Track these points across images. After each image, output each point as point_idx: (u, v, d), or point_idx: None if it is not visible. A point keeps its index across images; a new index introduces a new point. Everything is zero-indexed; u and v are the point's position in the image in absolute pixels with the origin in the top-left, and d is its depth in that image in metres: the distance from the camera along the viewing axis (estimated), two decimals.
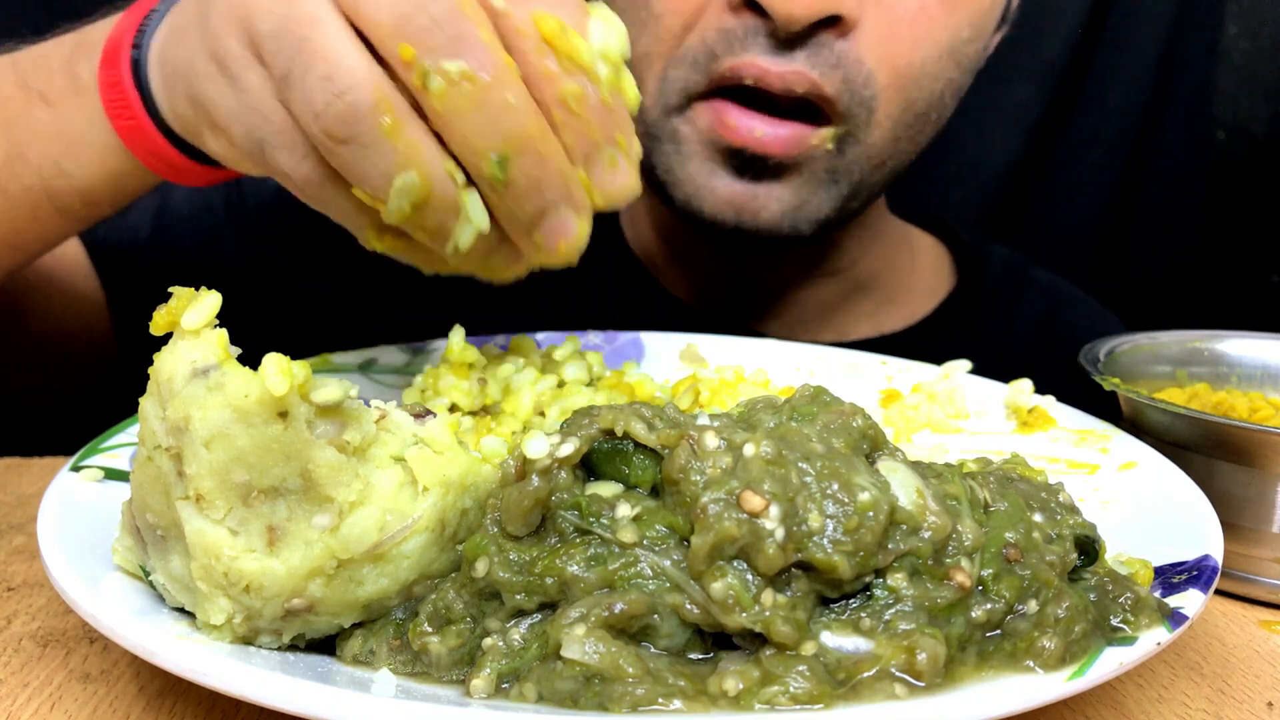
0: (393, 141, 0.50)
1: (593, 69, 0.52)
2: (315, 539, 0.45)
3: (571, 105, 0.52)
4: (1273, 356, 0.79)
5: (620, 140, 0.55)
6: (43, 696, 0.50)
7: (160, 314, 0.46)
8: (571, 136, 0.53)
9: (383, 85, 0.50)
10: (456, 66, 0.49)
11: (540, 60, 0.51)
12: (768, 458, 0.44)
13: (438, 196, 0.52)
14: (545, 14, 0.51)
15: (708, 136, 0.86)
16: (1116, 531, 0.54)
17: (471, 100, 0.50)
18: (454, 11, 0.49)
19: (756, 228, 0.88)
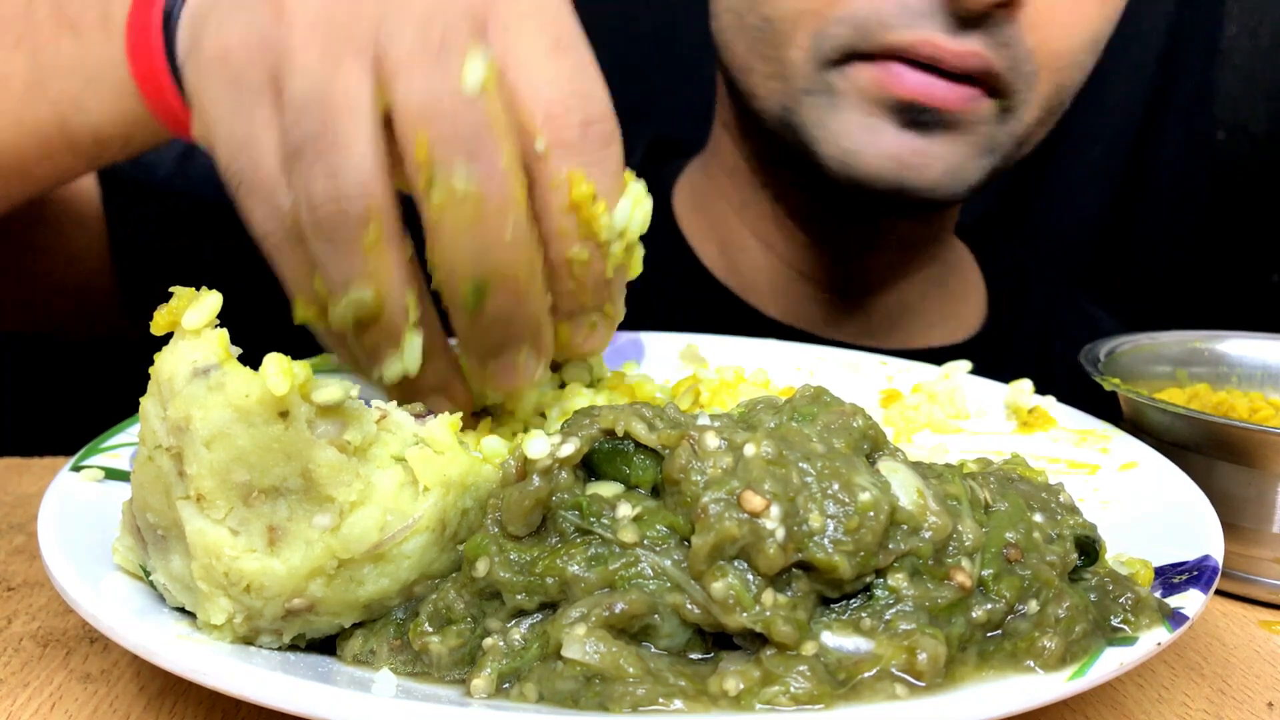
0: (366, 255, 0.49)
1: (607, 245, 0.52)
2: (316, 539, 0.45)
3: (574, 269, 0.52)
4: (1273, 356, 0.79)
5: (608, 309, 0.55)
6: (43, 696, 0.50)
7: (161, 314, 0.46)
8: (563, 296, 0.53)
9: (381, 200, 0.49)
10: (464, 186, 0.48)
11: (561, 218, 0.51)
12: (768, 458, 0.44)
13: (385, 322, 0.51)
14: (582, 176, 0.50)
15: (872, 92, 0.85)
16: (1117, 531, 0.54)
17: (468, 222, 0.48)
18: (483, 128, 0.48)
19: (917, 186, 0.87)
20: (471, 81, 0.47)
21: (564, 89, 0.50)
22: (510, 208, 0.48)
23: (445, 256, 0.50)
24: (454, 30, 0.48)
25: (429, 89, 0.47)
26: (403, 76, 0.48)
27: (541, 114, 0.50)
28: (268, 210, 0.51)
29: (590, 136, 0.50)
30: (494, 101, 0.48)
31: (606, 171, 0.51)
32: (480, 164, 0.47)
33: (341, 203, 0.48)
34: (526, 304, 0.51)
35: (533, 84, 0.50)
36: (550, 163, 0.50)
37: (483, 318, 0.51)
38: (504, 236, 0.49)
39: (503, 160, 0.48)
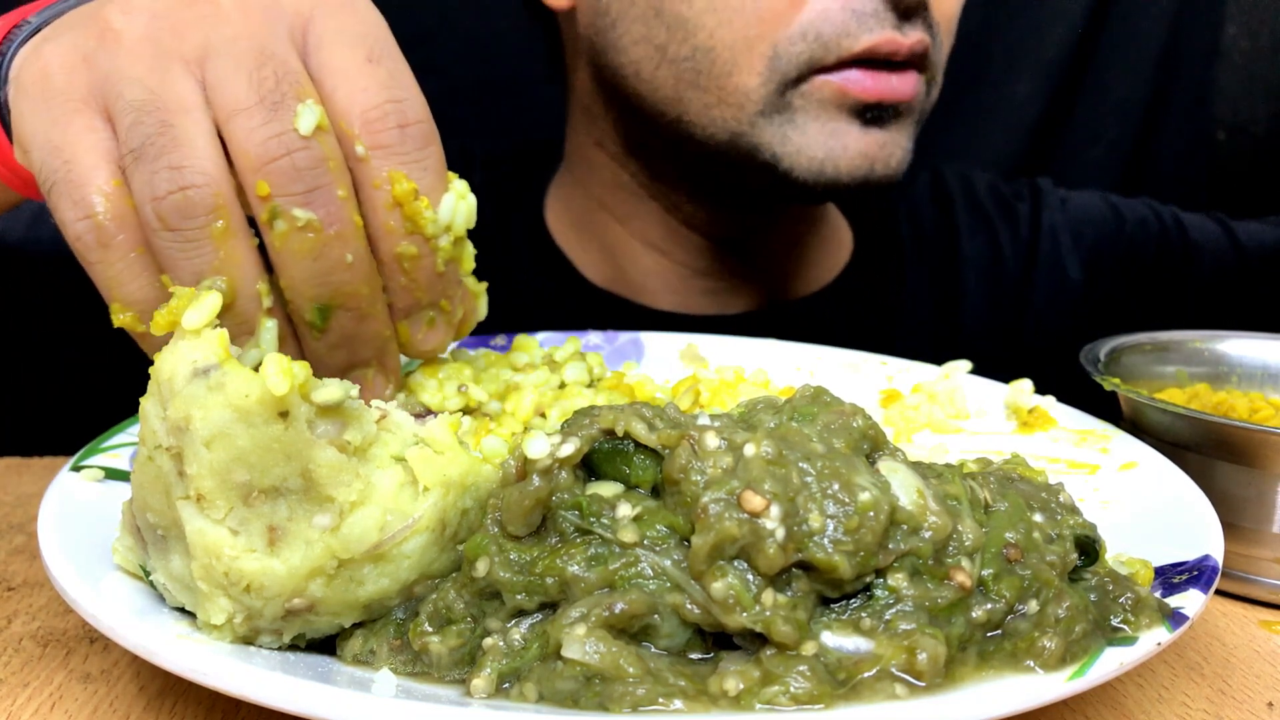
0: (216, 245, 0.51)
1: (434, 238, 0.55)
2: (316, 539, 0.45)
3: (404, 265, 0.55)
4: (1272, 356, 0.79)
5: (444, 304, 0.58)
6: (43, 696, 0.50)
7: (161, 314, 0.46)
8: (397, 292, 0.56)
9: (225, 193, 0.51)
10: (305, 215, 0.51)
11: (385, 216, 0.53)
12: (768, 458, 0.44)
13: (238, 310, 0.53)
14: (402, 175, 0.53)
15: (834, 100, 0.88)
16: (1116, 531, 0.54)
17: (310, 248, 0.52)
18: (318, 163, 0.51)
19: (884, 176, 0.92)
20: (305, 127, 0.51)
21: (379, 96, 0.53)
22: (349, 234, 0.52)
23: (291, 281, 0.53)
24: (285, 76, 0.52)
25: (266, 135, 0.51)
26: (240, 121, 0.51)
27: (359, 121, 0.53)
28: (80, 211, 0.52)
29: (408, 137, 0.53)
30: (327, 140, 0.52)
31: (427, 170, 0.54)
32: (319, 197, 0.51)
33: (189, 193, 0.50)
34: (369, 323, 0.55)
35: (350, 93, 0.53)
36: (371, 164, 0.53)
37: (329, 337, 0.55)
38: (344, 260, 0.53)
39: (340, 193, 0.52)
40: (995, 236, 1.15)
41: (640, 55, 0.93)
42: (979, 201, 1.17)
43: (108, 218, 0.51)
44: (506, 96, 1.40)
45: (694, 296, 1.08)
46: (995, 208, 1.17)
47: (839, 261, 1.14)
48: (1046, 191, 1.18)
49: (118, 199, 0.51)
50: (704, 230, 1.06)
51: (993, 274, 1.14)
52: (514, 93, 1.39)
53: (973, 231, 1.15)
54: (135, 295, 0.53)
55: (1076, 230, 1.15)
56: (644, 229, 1.07)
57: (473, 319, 0.62)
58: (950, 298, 1.13)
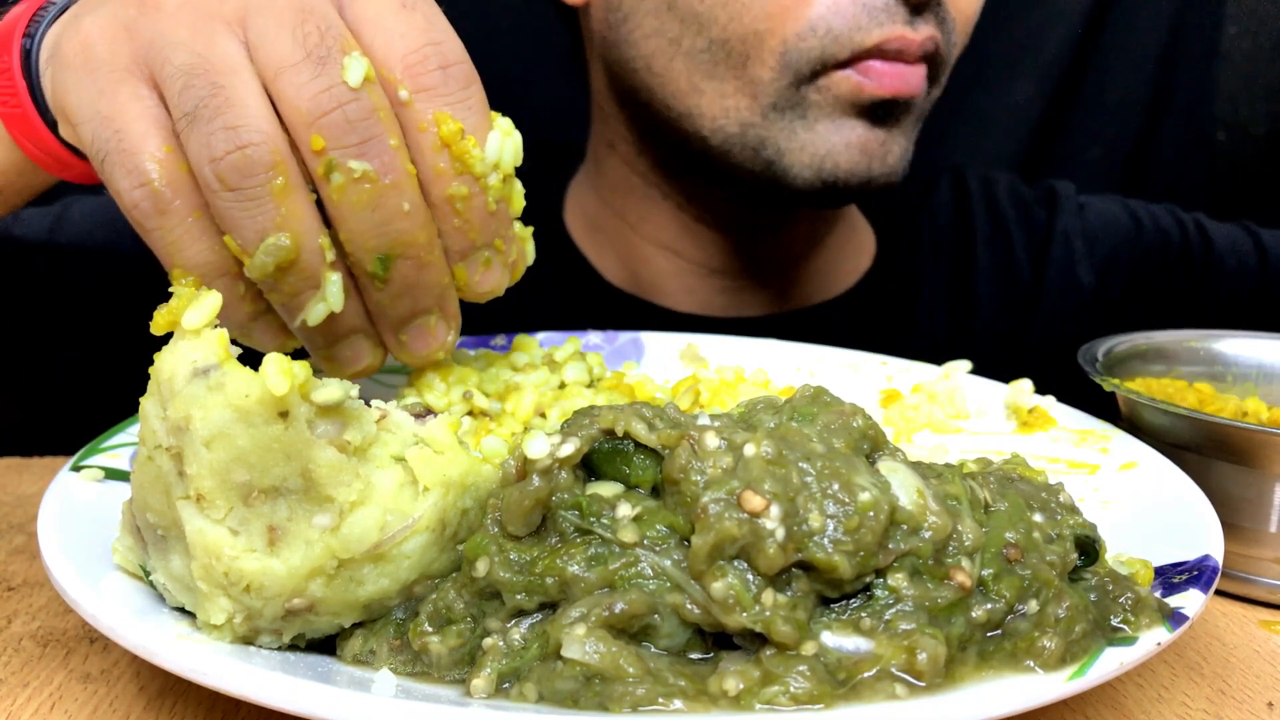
0: (277, 202, 0.52)
1: (483, 176, 0.55)
2: (316, 539, 0.45)
3: (456, 206, 0.55)
4: (1269, 356, 0.79)
5: (498, 244, 0.58)
6: (43, 696, 0.50)
7: (161, 314, 0.46)
8: (451, 234, 0.56)
9: (283, 149, 0.52)
10: (360, 166, 0.52)
11: (434, 158, 0.54)
12: (768, 458, 0.44)
13: (302, 265, 0.53)
14: (448, 115, 0.53)
15: (849, 98, 0.88)
16: (1116, 531, 0.54)
17: (368, 199, 0.52)
18: (369, 114, 0.52)
19: (884, 173, 0.91)
20: (354, 78, 0.51)
21: (418, 40, 0.53)
22: (404, 183, 0.53)
23: (350, 234, 0.53)
24: (328, 31, 0.52)
25: (316, 90, 0.51)
26: (288, 77, 0.51)
27: (401, 66, 0.53)
28: (135, 179, 0.52)
29: (450, 78, 0.54)
30: (375, 90, 0.52)
31: (471, 109, 0.54)
32: (372, 148, 0.52)
33: (248, 150, 0.51)
34: (430, 270, 0.56)
35: (389, 41, 0.53)
36: (416, 108, 0.53)
37: (391, 287, 0.55)
38: (402, 209, 0.53)
39: (392, 142, 0.52)
40: (1010, 243, 1.14)
41: (653, 49, 0.93)
42: (998, 206, 1.16)
43: (163, 184, 0.52)
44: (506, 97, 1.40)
45: (711, 298, 1.08)
46: (1014, 212, 1.16)
47: (860, 266, 1.13)
48: (1064, 197, 1.17)
49: (172, 165, 0.52)
50: (716, 230, 1.05)
51: (1006, 281, 1.13)
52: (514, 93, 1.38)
53: (989, 238, 1.14)
54: (197, 259, 0.53)
55: (1092, 236, 1.14)
56: (656, 230, 1.07)
57: (522, 263, 0.62)
58: (965, 305, 1.13)
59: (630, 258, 1.09)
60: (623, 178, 1.07)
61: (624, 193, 1.07)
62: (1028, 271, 1.14)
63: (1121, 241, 1.15)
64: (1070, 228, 1.14)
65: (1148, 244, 1.15)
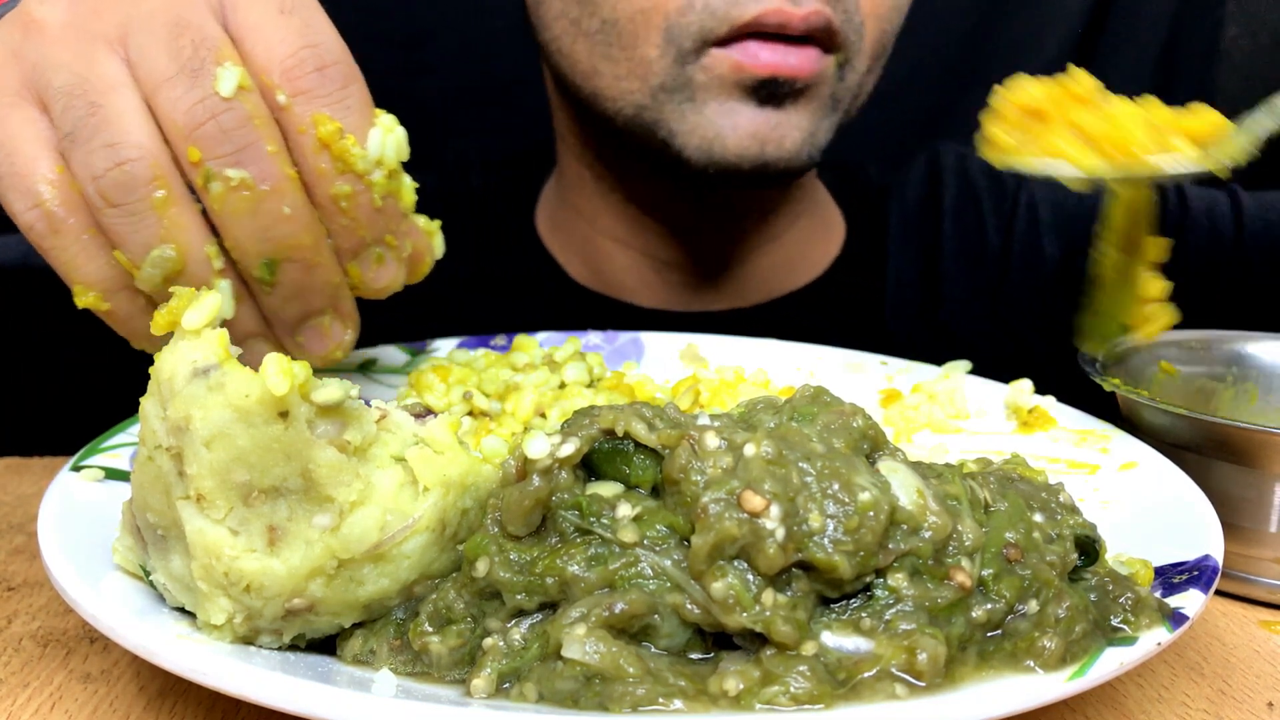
0: (159, 214, 0.53)
1: (366, 174, 0.55)
2: (316, 539, 0.45)
3: (341, 205, 0.55)
4: (1267, 356, 0.79)
5: (390, 240, 0.59)
6: (43, 696, 0.50)
7: (160, 314, 0.46)
8: (340, 233, 0.57)
9: (162, 162, 0.53)
10: (237, 174, 0.52)
11: (315, 159, 0.54)
12: (768, 458, 0.44)
13: (190, 274, 0.54)
14: (325, 116, 0.54)
15: (730, 76, 0.87)
16: (1116, 531, 0.54)
17: (247, 206, 0.53)
18: (244, 123, 0.53)
19: (779, 158, 0.90)
20: (226, 88, 0.52)
21: (295, 44, 0.54)
22: (284, 187, 0.54)
23: (234, 241, 0.54)
24: (202, 42, 0.53)
25: (190, 103, 0.52)
26: (164, 92, 0.53)
27: (278, 71, 0.54)
28: (28, 201, 0.53)
29: (327, 79, 0.54)
30: (250, 98, 0.53)
31: (350, 109, 0.55)
32: (248, 155, 0.53)
33: (126, 167, 0.52)
34: (318, 271, 0.56)
35: (267, 47, 0.54)
36: (295, 111, 0.54)
37: (280, 290, 0.56)
38: (282, 213, 0.54)
39: (269, 147, 0.53)
40: (980, 216, 1.12)
41: (560, 30, 0.94)
42: (970, 179, 1.15)
43: (55, 204, 0.53)
44: (506, 97, 1.40)
45: (674, 293, 1.08)
46: (985, 183, 1.14)
47: (829, 254, 1.13)
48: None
49: (63, 185, 0.53)
50: (664, 221, 1.05)
51: (973, 255, 1.11)
52: (514, 93, 1.39)
53: (958, 213, 1.13)
54: (94, 276, 0.55)
55: (1061, 203, 1.12)
56: (611, 225, 1.07)
57: (429, 256, 0.63)
58: (932, 285, 1.11)
59: (591, 255, 1.09)
60: (576, 172, 1.07)
61: (579, 188, 1.08)
62: (995, 242, 1.12)
63: (1089, 207, 1.11)
64: (1039, 195, 1.12)
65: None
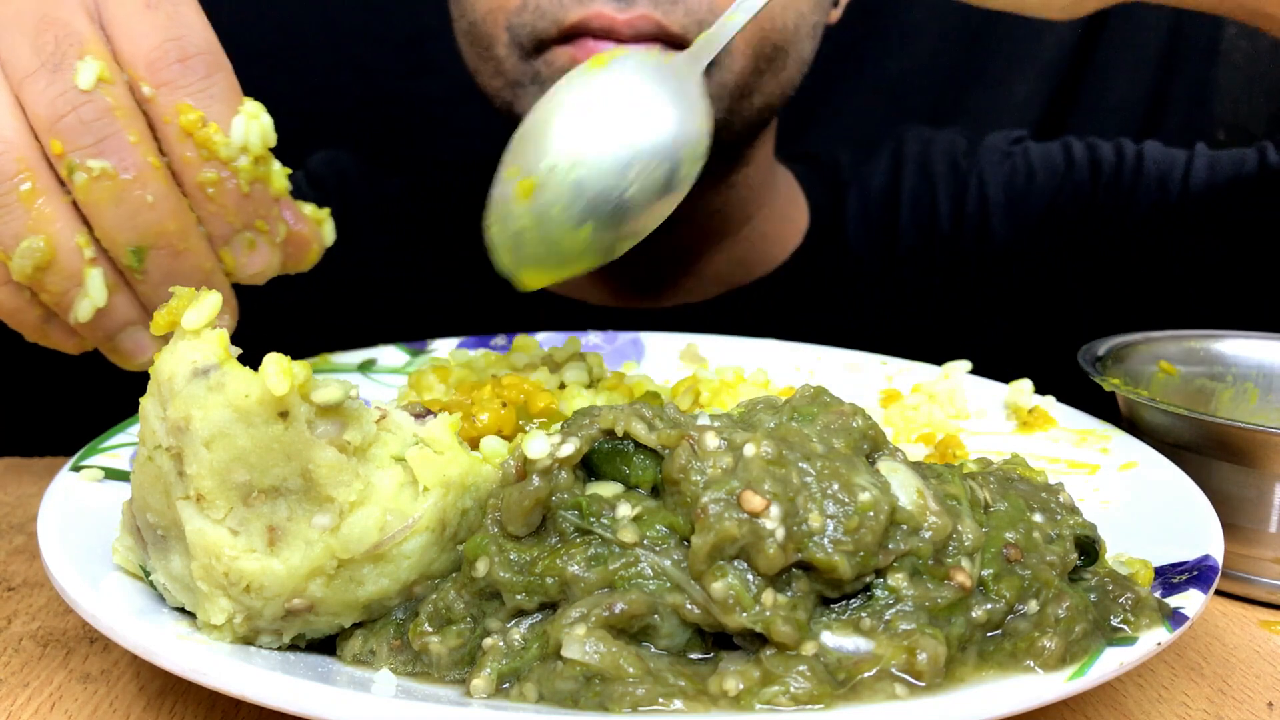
0: (26, 206, 0.54)
1: (230, 160, 0.57)
2: (316, 539, 0.45)
3: (208, 191, 0.57)
4: (1268, 356, 0.79)
5: (260, 225, 0.59)
6: (43, 696, 0.50)
7: (160, 314, 0.47)
8: (209, 220, 0.58)
9: (29, 154, 0.54)
10: (99, 164, 0.54)
11: (180, 148, 0.56)
12: (768, 458, 0.44)
13: (61, 264, 0.55)
14: (188, 105, 0.55)
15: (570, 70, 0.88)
16: (1116, 531, 0.54)
17: (111, 195, 0.54)
18: (104, 114, 0.54)
19: None
20: (85, 81, 0.53)
21: (158, 37, 0.55)
22: (147, 176, 0.54)
23: (101, 230, 0.55)
24: (64, 37, 0.54)
25: (51, 95, 0.54)
26: (27, 87, 0.54)
27: (142, 64, 0.55)
28: None
29: (189, 70, 0.56)
30: (112, 90, 0.54)
31: (214, 97, 0.56)
32: (109, 145, 0.54)
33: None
34: (186, 257, 0.57)
35: (131, 40, 0.55)
36: (159, 102, 0.55)
37: (150, 276, 0.57)
38: (145, 201, 0.55)
39: (131, 137, 0.54)
40: (935, 201, 1.12)
41: (456, 34, 0.98)
42: (930, 166, 1.14)
43: None
44: None
45: (624, 291, 1.08)
46: (943, 168, 1.14)
47: (789, 246, 1.13)
48: (988, 147, 1.15)
49: None
50: None
51: (927, 238, 1.11)
52: None
53: (915, 199, 1.13)
54: None
55: (1013, 184, 1.12)
56: None
57: (317, 245, 0.64)
58: (890, 272, 1.11)
59: None
60: None
61: None
62: (947, 228, 1.12)
63: (1045, 182, 1.11)
64: (991, 177, 1.12)
65: (1076, 180, 1.11)
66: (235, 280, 0.60)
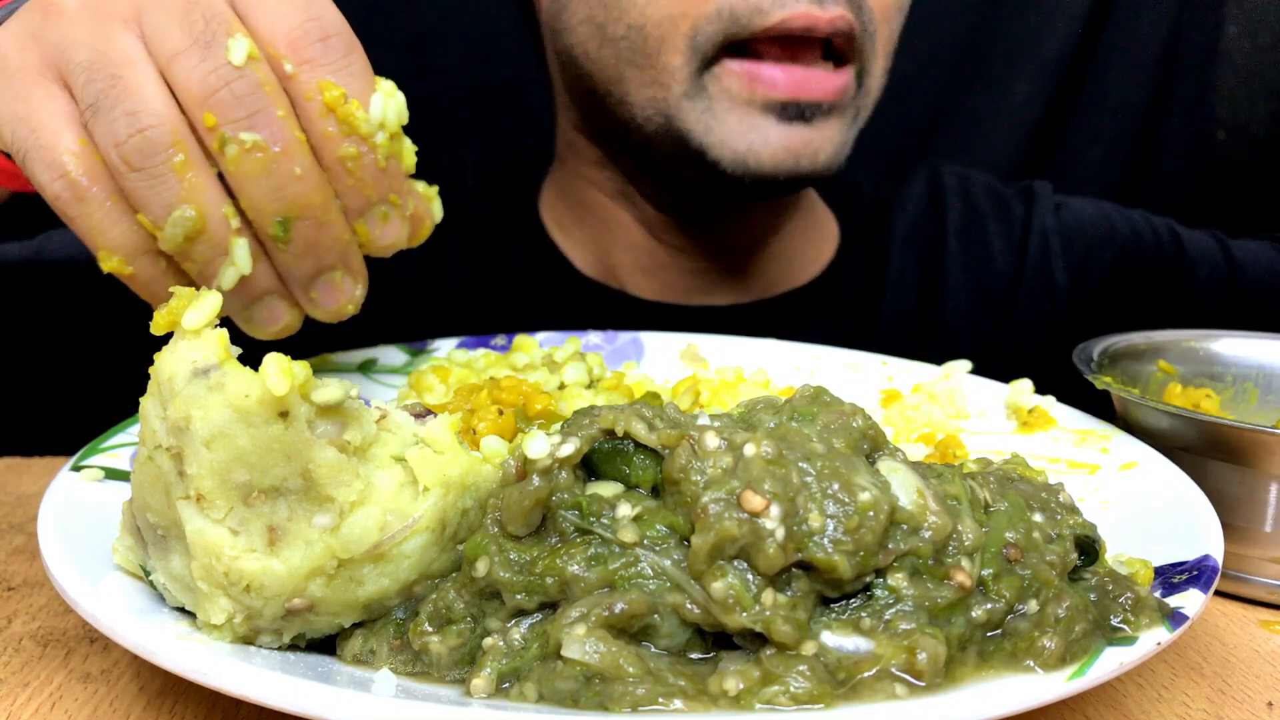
0: (179, 177, 0.56)
1: (370, 136, 0.58)
2: (316, 539, 0.45)
3: (348, 165, 0.58)
4: (1265, 356, 0.79)
5: (394, 199, 0.61)
6: (43, 696, 0.50)
7: (161, 314, 0.47)
8: (347, 193, 0.60)
9: (180, 129, 0.56)
10: (251, 137, 0.55)
11: (322, 124, 0.58)
12: (768, 458, 0.44)
13: (209, 234, 0.57)
14: (330, 83, 0.57)
15: (743, 95, 0.89)
16: (1116, 531, 0.54)
17: (261, 167, 0.56)
18: (255, 89, 0.56)
19: (812, 171, 0.93)
20: (238, 57, 0.55)
21: (299, 17, 0.58)
22: (294, 149, 0.56)
23: (250, 201, 0.57)
24: (212, 17, 0.56)
25: (204, 72, 0.55)
26: (179, 63, 0.56)
27: (284, 42, 0.57)
28: (54, 172, 0.56)
29: (330, 49, 0.58)
30: (260, 67, 0.56)
31: (354, 75, 0.58)
32: (260, 119, 0.56)
33: (147, 133, 0.55)
34: (328, 229, 0.59)
35: (271, 21, 0.57)
36: (301, 79, 0.57)
37: (294, 247, 0.59)
38: (294, 173, 0.56)
39: (279, 112, 0.56)
40: (985, 234, 1.15)
41: (585, 35, 0.95)
42: (973, 200, 1.17)
43: (80, 173, 0.56)
44: (506, 97, 1.40)
45: (678, 287, 1.09)
46: (990, 205, 1.17)
47: (823, 255, 1.15)
48: (1041, 195, 1.18)
49: (86, 155, 0.56)
50: (671, 218, 1.06)
51: (980, 271, 1.14)
52: (514, 93, 1.39)
53: (963, 228, 1.15)
54: (118, 240, 0.57)
55: (1068, 236, 1.15)
56: (615, 219, 1.08)
57: (429, 220, 0.66)
58: (935, 292, 1.13)
59: (596, 245, 1.11)
60: (582, 165, 1.08)
61: (584, 180, 1.09)
62: (1002, 265, 1.14)
63: (1097, 242, 1.15)
64: (1048, 225, 1.15)
65: (1122, 244, 1.15)
66: (368, 252, 0.62)
